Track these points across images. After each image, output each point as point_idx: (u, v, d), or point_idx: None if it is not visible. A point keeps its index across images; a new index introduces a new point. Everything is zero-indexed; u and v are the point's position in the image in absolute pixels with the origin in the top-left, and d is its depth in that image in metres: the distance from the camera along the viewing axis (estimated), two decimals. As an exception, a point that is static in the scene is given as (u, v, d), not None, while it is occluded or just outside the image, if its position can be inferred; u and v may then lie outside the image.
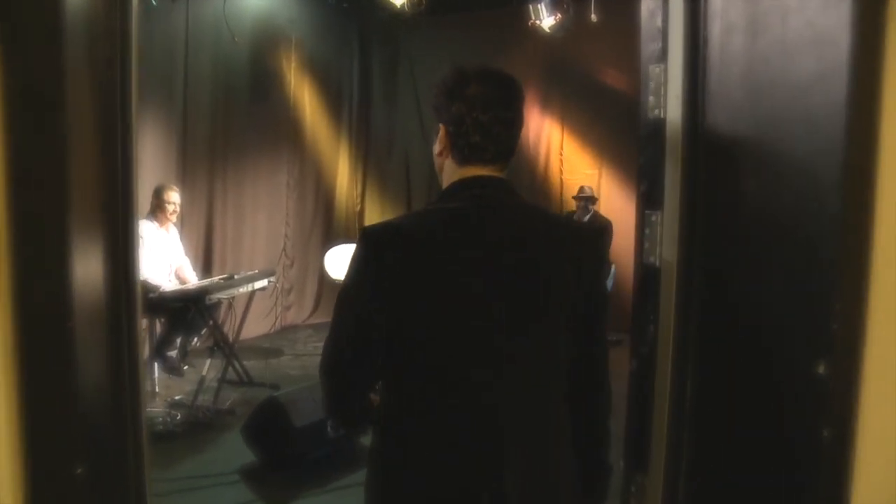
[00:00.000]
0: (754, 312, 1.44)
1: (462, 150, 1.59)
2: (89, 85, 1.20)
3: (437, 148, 1.65)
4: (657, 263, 1.76)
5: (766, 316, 1.41)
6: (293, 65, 8.34)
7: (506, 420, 1.54)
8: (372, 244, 1.55)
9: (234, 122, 7.58)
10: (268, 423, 4.33)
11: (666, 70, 1.70)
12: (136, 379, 1.53)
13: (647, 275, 1.80)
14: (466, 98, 1.56)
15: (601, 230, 7.44)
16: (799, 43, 1.30)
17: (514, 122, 1.61)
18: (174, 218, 5.90)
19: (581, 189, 7.76)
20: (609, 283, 7.54)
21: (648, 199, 1.78)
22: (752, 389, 1.44)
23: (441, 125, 1.62)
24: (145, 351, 6.20)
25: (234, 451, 4.48)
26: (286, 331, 8.38)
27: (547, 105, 8.92)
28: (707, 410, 1.58)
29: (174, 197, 5.82)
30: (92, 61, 1.20)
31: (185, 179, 7.04)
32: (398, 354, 1.57)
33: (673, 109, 1.64)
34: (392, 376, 1.61)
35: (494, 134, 1.57)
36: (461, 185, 1.60)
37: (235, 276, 5.65)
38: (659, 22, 1.73)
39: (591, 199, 7.64)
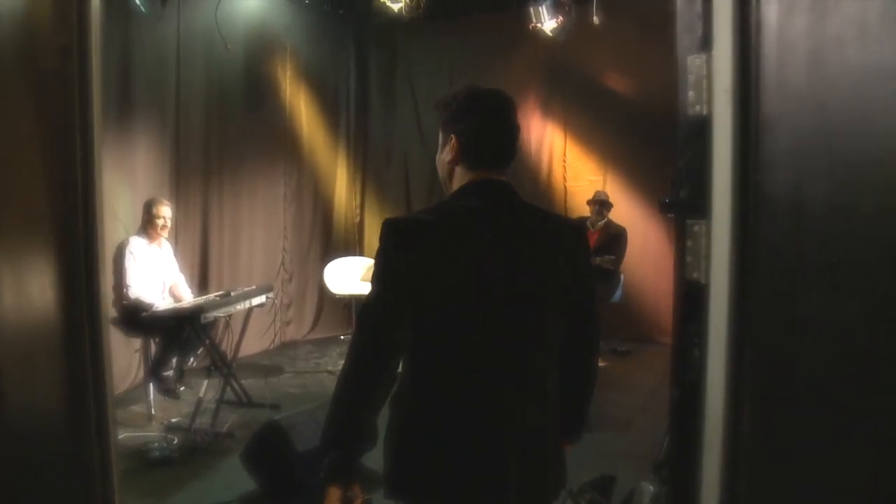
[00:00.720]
0: (830, 336, 1.24)
1: (472, 158, 1.89)
2: (28, 75, 1.00)
3: (447, 156, 1.91)
4: (703, 279, 1.55)
5: (846, 340, 1.21)
6: (288, 73, 8.15)
7: (506, 394, 1.80)
8: (392, 235, 1.81)
9: (228, 133, 7.38)
10: (268, 449, 4.13)
11: (709, 61, 1.50)
12: (106, 415, 1.32)
13: (690, 292, 1.60)
14: (475, 114, 1.89)
15: (622, 232, 7.23)
16: (885, 19, 1.10)
17: (515, 133, 1.93)
18: (165, 233, 5.70)
19: (596, 193, 7.54)
20: (618, 293, 7.33)
21: (691, 207, 1.58)
22: (829, 430, 1.24)
23: (452, 136, 1.90)
24: (139, 373, 6.00)
25: (235, 477, 4.26)
26: (286, 347, 8.16)
27: (548, 110, 8.73)
28: (771, 453, 1.38)
29: (164, 211, 5.63)
30: (34, 49, 1.00)
31: (179, 193, 6.83)
32: (413, 336, 1.82)
33: (721, 104, 1.44)
34: (407, 357, 1.85)
35: (499, 143, 1.91)
36: (473, 186, 1.87)
37: (232, 293, 5.44)
38: (699, 7, 1.53)
39: (606, 204, 7.41)
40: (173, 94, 6.72)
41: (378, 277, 1.82)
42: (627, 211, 7.99)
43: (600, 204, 7.38)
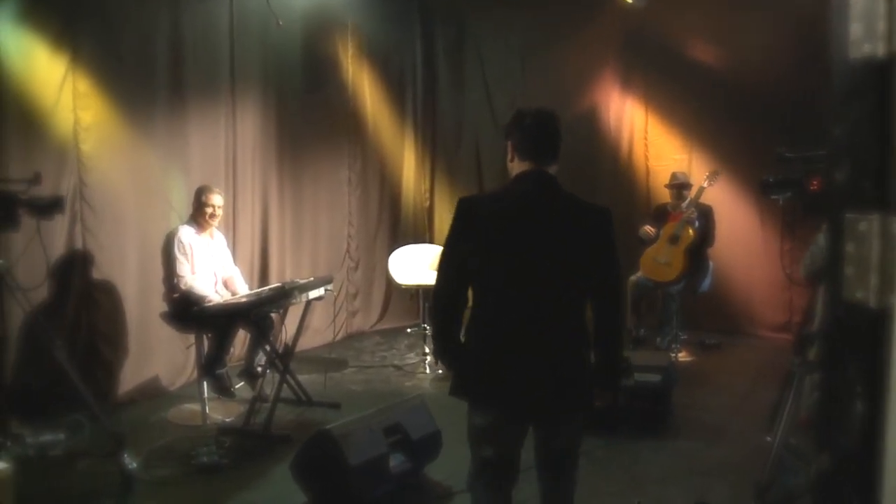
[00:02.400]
0: None
1: (522, 153, 2.65)
2: None
3: (509, 156, 2.70)
4: (873, 302, 1.05)
5: None
6: (350, 51, 7.73)
7: (540, 321, 2.55)
8: (463, 209, 2.62)
9: (287, 115, 7.02)
10: (319, 461, 3.76)
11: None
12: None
13: (849, 319, 1.09)
14: (523, 121, 2.66)
15: (708, 210, 6.69)
16: None
17: (552, 136, 2.66)
18: (214, 222, 5.38)
19: (673, 176, 6.92)
20: (706, 282, 6.70)
21: (852, 195, 1.08)
22: None
23: (509, 140, 2.69)
24: (193, 371, 5.73)
25: (286, 487, 3.93)
26: (352, 339, 7.81)
27: (628, 84, 8.11)
28: None
29: (215, 199, 5.31)
30: None
31: (237, 179, 6.52)
32: (477, 283, 2.61)
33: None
34: (474, 298, 2.62)
35: (538, 143, 2.64)
36: (523, 175, 2.63)
37: (286, 287, 5.08)
38: None
39: (685, 186, 6.81)
40: (228, 76, 6.39)
41: (452, 238, 2.64)
42: (715, 192, 7.34)
43: (678, 188, 6.78)
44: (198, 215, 5.31)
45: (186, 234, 5.22)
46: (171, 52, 5.84)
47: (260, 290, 5.43)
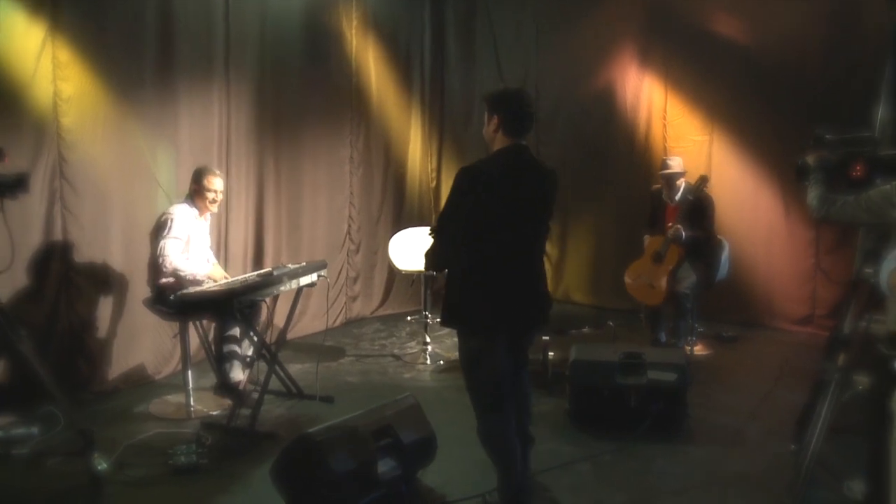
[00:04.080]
0: None
1: (508, 130, 3.29)
2: None
3: (492, 128, 3.33)
4: None
5: None
6: (354, 23, 7.33)
7: (526, 264, 3.38)
8: (464, 176, 3.20)
9: (286, 90, 6.66)
10: (300, 467, 3.44)
11: None
12: None
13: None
14: (511, 103, 3.32)
15: (704, 204, 6.09)
16: None
17: (533, 117, 3.39)
18: (214, 207, 5.06)
19: (663, 164, 6.34)
20: (724, 269, 6.24)
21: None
22: None
23: (495, 115, 3.31)
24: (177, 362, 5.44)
25: (266, 492, 3.58)
26: (351, 325, 7.48)
27: (647, 60, 7.67)
28: None
29: (217, 183, 4.97)
30: None
31: (230, 158, 6.17)
32: (475, 236, 3.21)
33: None
34: (471, 248, 3.24)
35: (522, 122, 3.32)
36: (509, 148, 3.30)
37: (275, 273, 4.74)
38: None
39: (675, 176, 6.20)
40: (222, 47, 6.01)
41: (460, 203, 3.18)
42: (736, 175, 7.02)
43: (667, 179, 6.23)
44: (197, 198, 4.96)
45: (185, 214, 4.89)
46: (161, 20, 5.49)
47: (246, 275, 5.09)
